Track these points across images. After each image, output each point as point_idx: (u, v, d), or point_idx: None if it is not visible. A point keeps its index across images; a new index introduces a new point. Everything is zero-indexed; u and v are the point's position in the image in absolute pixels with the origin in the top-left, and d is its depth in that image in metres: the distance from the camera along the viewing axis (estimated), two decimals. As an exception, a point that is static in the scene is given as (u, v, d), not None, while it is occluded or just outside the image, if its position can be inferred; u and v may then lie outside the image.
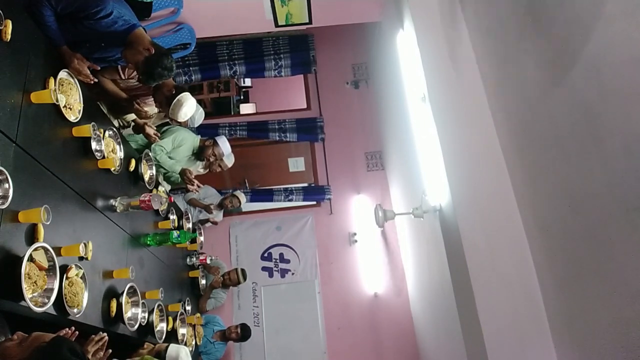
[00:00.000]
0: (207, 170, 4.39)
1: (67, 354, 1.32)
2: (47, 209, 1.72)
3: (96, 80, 2.43)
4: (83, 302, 1.97)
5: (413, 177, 4.07)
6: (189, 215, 4.09)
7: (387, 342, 5.10)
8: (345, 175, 5.64)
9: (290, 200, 5.53)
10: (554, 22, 2.17)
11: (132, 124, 3.24)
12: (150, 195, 2.64)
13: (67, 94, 2.07)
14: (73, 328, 1.84)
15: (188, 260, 4.18)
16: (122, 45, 2.47)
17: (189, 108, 3.06)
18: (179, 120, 3.18)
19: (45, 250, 1.75)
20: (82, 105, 2.18)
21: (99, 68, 2.53)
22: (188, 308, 3.75)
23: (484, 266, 2.76)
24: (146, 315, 2.66)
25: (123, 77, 2.98)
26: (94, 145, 2.28)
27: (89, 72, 2.33)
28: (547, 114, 2.34)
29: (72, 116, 2.08)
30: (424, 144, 3.53)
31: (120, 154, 2.60)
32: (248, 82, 7.65)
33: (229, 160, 4.46)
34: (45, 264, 1.74)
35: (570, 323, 2.41)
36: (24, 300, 1.57)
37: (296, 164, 6.18)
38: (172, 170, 3.78)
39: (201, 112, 4.06)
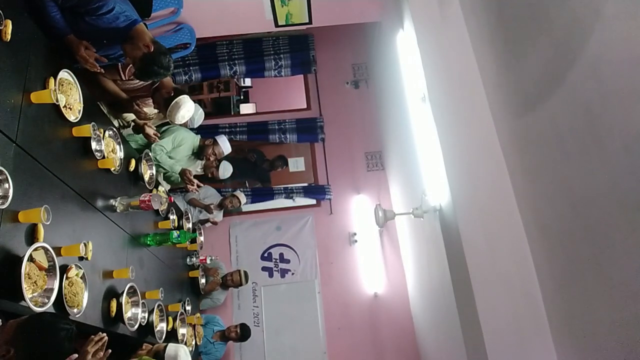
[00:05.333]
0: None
1: (48, 316, 1.34)
2: (47, 209, 1.72)
3: (103, 71, 2.43)
4: (83, 302, 1.97)
5: (413, 177, 4.07)
6: (189, 215, 4.09)
7: (387, 342, 5.10)
8: (345, 175, 5.64)
9: (291, 198, 5.53)
10: (554, 22, 2.17)
11: (132, 124, 3.24)
12: (150, 195, 2.64)
13: (67, 94, 2.07)
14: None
15: (188, 260, 4.18)
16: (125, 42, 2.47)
17: (187, 111, 3.05)
18: (176, 123, 3.17)
19: (45, 250, 1.75)
20: (82, 105, 2.18)
21: (107, 60, 2.53)
22: (188, 308, 3.75)
23: (484, 266, 2.76)
24: (146, 315, 2.67)
25: (124, 78, 2.98)
26: (94, 145, 2.27)
27: (95, 62, 2.35)
28: (547, 114, 2.34)
29: (72, 116, 2.08)
30: (424, 144, 3.53)
31: (120, 154, 2.60)
32: (248, 82, 7.64)
33: (225, 172, 4.46)
34: (45, 264, 1.74)
35: (570, 323, 2.41)
36: (24, 300, 1.57)
37: (296, 164, 6.18)
38: (172, 170, 3.78)
39: (201, 113, 4.06)
